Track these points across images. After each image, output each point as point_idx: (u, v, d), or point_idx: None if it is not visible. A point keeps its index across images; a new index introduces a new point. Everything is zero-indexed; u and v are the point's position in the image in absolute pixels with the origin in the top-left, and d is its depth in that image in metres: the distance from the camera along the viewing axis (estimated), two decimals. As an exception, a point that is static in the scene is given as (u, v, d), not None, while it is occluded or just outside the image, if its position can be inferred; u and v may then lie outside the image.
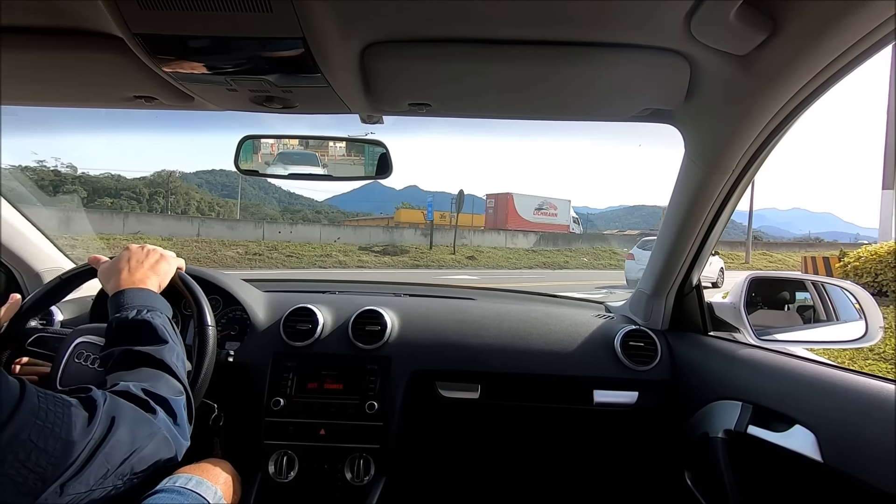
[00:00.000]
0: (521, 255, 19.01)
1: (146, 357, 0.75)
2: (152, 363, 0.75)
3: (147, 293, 0.87)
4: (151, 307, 0.84)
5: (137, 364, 0.74)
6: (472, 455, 1.50)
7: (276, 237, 16.81)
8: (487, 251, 18.83)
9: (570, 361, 1.31)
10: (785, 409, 0.92)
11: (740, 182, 1.01)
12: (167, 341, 0.79)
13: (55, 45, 0.78)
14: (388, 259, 16.31)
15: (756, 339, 1.14)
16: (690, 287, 1.29)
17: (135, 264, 0.92)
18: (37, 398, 0.56)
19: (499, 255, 18.48)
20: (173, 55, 0.74)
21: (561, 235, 22.62)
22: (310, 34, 0.68)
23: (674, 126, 0.99)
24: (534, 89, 0.89)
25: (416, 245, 18.52)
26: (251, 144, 1.16)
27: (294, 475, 1.25)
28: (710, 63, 0.76)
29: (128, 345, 0.76)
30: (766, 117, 0.82)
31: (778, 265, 24.37)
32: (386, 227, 19.91)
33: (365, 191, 48.58)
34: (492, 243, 19.94)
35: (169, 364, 0.76)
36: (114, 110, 1.07)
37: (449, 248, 18.32)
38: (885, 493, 0.71)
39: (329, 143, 1.18)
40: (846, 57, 0.66)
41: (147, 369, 0.73)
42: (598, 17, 0.70)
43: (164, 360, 0.75)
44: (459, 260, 17.12)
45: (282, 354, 1.29)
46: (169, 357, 0.77)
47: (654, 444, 1.34)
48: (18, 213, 1.35)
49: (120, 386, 0.68)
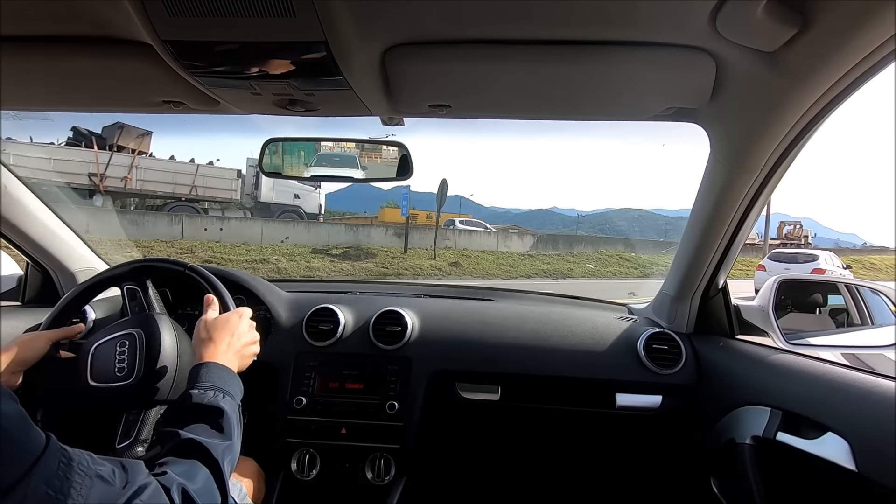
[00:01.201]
0: (516, 260, 16.11)
1: (204, 451, 0.72)
2: (206, 459, 0.72)
3: (229, 375, 0.86)
4: (228, 391, 0.82)
5: (193, 454, 0.71)
6: (492, 457, 1.50)
7: (200, 235, 13.07)
8: (475, 256, 15.65)
9: (591, 364, 1.30)
10: (816, 416, 0.89)
11: (769, 181, 0.98)
12: (230, 440, 0.77)
13: (88, 52, 0.81)
14: (346, 265, 13.01)
15: (786, 343, 1.11)
16: (717, 289, 1.26)
17: (235, 341, 0.92)
18: (58, 464, 0.50)
19: (489, 261, 15.43)
20: (200, 60, 0.76)
21: (561, 238, 20.36)
22: (332, 37, 0.69)
23: (699, 125, 0.97)
24: (555, 89, 0.89)
25: (388, 248, 15.14)
26: (275, 147, 1.19)
27: (316, 473, 1.26)
28: (736, 60, 0.74)
29: (193, 428, 0.74)
30: (796, 115, 0.79)
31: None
32: (351, 227, 16.36)
33: (351, 189, 46.79)
34: (480, 246, 16.65)
35: (221, 465, 0.73)
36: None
37: (428, 251, 15.02)
38: None
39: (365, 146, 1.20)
40: (880, 52, 0.64)
41: (199, 465, 0.70)
42: (621, 16, 0.69)
43: (218, 461, 0.73)
44: (440, 267, 13.95)
45: (304, 354, 1.30)
46: (224, 456, 0.74)
47: (678, 450, 1.31)
48: (53, 214, 1.40)
49: (164, 478, 0.63)
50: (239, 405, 0.84)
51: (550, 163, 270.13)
